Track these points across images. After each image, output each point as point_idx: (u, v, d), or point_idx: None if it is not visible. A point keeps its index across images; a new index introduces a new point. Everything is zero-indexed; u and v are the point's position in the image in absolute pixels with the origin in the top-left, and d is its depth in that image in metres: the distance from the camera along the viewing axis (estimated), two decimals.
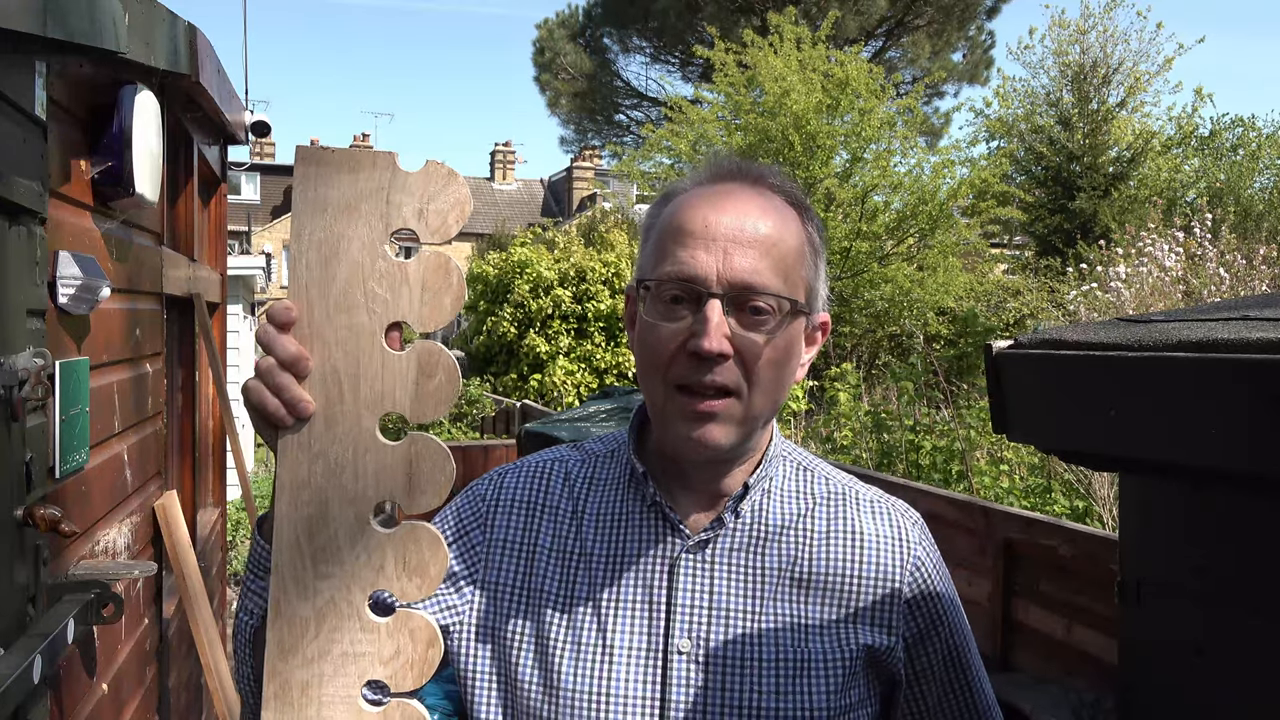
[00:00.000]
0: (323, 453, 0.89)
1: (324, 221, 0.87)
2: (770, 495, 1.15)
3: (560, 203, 39.77)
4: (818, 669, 1.08)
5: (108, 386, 2.37)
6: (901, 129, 15.63)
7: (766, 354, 1.04)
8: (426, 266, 0.88)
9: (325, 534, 0.89)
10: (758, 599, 1.10)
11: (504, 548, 1.16)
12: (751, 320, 1.04)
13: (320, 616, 0.89)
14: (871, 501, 1.18)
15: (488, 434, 11.49)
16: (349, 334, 0.88)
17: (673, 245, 1.06)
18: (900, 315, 15.36)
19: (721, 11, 22.34)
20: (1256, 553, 0.92)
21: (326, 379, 0.88)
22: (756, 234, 1.05)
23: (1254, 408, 0.79)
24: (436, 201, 0.87)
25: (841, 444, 8.05)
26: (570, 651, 1.09)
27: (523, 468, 1.22)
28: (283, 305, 0.88)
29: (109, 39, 1.79)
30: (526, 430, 4.98)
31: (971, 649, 1.18)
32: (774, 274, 1.05)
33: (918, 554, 1.16)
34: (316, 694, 0.89)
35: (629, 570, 1.11)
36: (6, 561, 1.70)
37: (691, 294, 1.04)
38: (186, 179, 3.56)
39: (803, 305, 1.08)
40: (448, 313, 0.88)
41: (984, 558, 3.99)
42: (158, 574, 2.85)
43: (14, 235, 1.72)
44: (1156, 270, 8.86)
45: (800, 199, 1.13)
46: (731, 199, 1.07)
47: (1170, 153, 19.37)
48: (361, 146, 16.82)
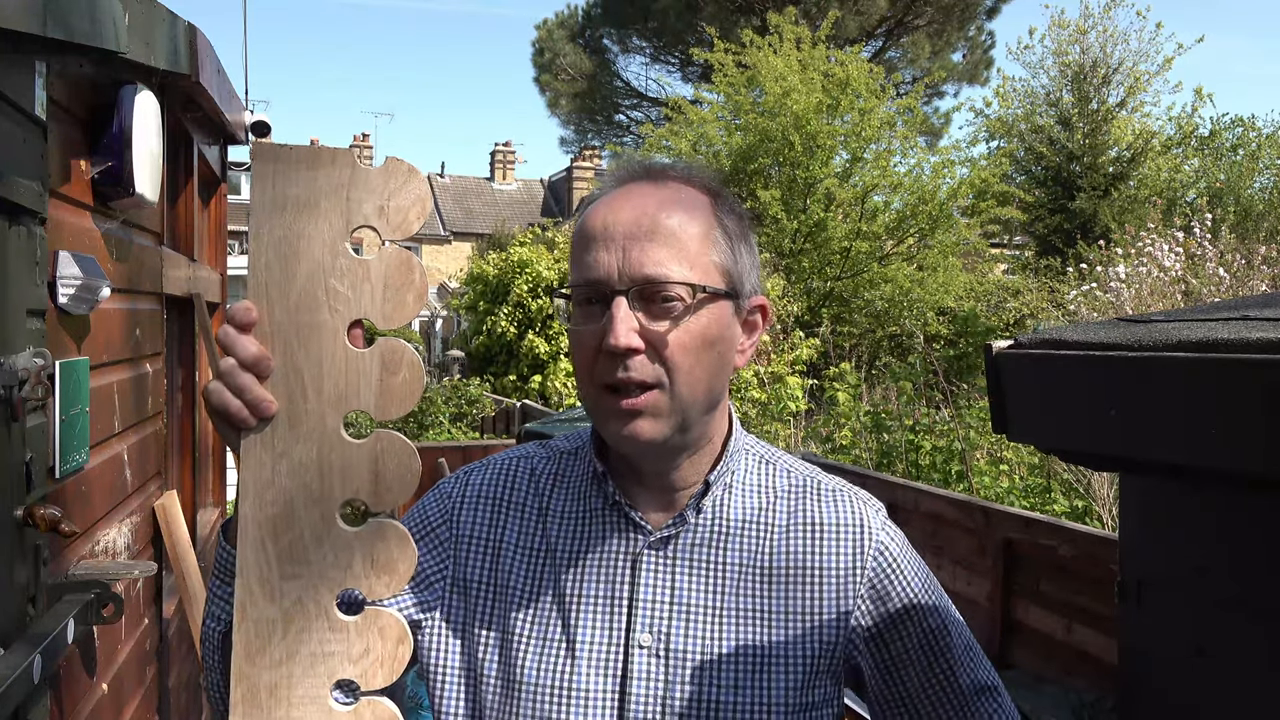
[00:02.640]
0: (286, 452, 0.88)
1: (283, 219, 0.86)
2: (732, 490, 1.16)
3: (560, 203, 39.76)
4: (778, 663, 1.09)
5: (108, 386, 2.37)
6: (901, 129, 15.64)
7: (680, 341, 1.05)
8: (389, 264, 0.87)
9: (291, 534, 0.88)
10: (719, 594, 1.11)
11: (470, 543, 1.17)
12: (661, 310, 1.05)
13: (287, 618, 0.88)
14: (833, 491, 1.18)
15: (488, 434, 11.49)
16: (311, 332, 0.87)
17: (579, 252, 1.09)
18: (900, 315, 15.36)
19: (721, 11, 22.34)
20: (1257, 553, 0.92)
21: (289, 378, 0.87)
22: (655, 226, 1.06)
23: (1254, 407, 0.79)
24: (397, 198, 0.87)
25: (841, 444, 8.06)
26: (535, 647, 1.11)
27: (489, 465, 1.23)
28: (243, 306, 0.87)
29: (109, 39, 1.79)
30: (526, 430, 4.98)
31: (953, 633, 1.16)
32: (676, 262, 1.05)
33: (880, 539, 1.15)
34: (285, 695, 0.88)
35: (592, 567, 1.13)
36: (6, 561, 1.70)
37: (599, 294, 1.06)
38: (186, 179, 3.56)
39: (718, 289, 1.08)
40: (410, 310, 0.88)
41: (984, 558, 3.99)
42: (158, 574, 2.85)
43: (14, 235, 1.72)
44: (1156, 270, 8.86)
45: (712, 186, 1.14)
46: (629, 198, 1.09)
47: (1170, 153, 19.37)
48: (361, 146, 17.02)
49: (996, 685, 1.18)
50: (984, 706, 1.15)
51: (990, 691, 1.17)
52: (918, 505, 4.48)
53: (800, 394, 9.32)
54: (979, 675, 1.17)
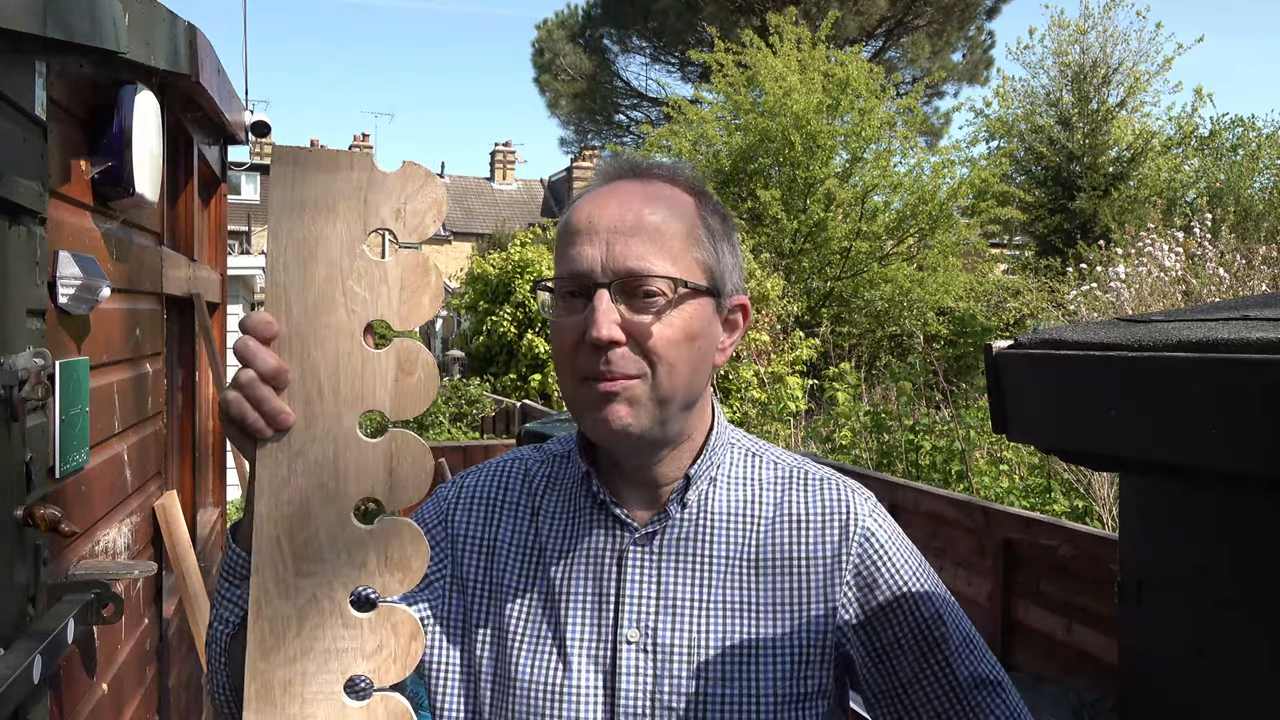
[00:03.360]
0: (303, 451, 0.89)
1: (302, 222, 0.88)
2: (717, 484, 1.17)
3: (560, 203, 39.74)
4: (766, 654, 1.10)
5: (108, 386, 2.37)
6: (901, 129, 15.64)
7: (662, 333, 1.06)
8: (405, 266, 0.88)
9: (306, 532, 0.89)
10: (706, 587, 1.12)
11: (465, 543, 1.19)
12: (642, 304, 1.06)
13: (302, 614, 0.89)
14: (820, 480, 1.18)
15: (488, 434, 11.49)
16: (328, 333, 0.88)
17: (564, 246, 1.10)
18: (900, 315, 15.36)
19: (721, 11, 22.33)
20: (1257, 553, 0.92)
21: (306, 378, 0.89)
22: (639, 221, 1.07)
23: (1254, 407, 0.79)
24: (414, 202, 0.88)
25: (841, 444, 8.06)
26: (528, 645, 1.12)
27: (484, 469, 1.26)
28: (263, 319, 0.88)
29: (109, 39, 1.79)
30: (527, 430, 4.99)
31: (949, 623, 1.14)
32: (659, 257, 1.06)
33: (867, 525, 1.15)
34: (299, 692, 0.89)
35: (581, 564, 1.14)
36: (6, 561, 1.70)
37: (582, 287, 1.07)
38: (186, 179, 3.56)
39: (699, 285, 1.09)
40: (426, 311, 0.89)
41: (984, 558, 3.99)
42: (158, 574, 2.85)
43: (14, 235, 1.72)
44: (1156, 270, 8.86)
45: (695, 186, 1.16)
46: (615, 194, 1.11)
47: (1170, 153, 19.37)
48: (361, 146, 17.07)
49: (1000, 680, 1.15)
50: (984, 701, 1.13)
51: (992, 686, 1.14)
52: (918, 505, 4.48)
53: (800, 394, 9.33)
54: (979, 668, 1.14)
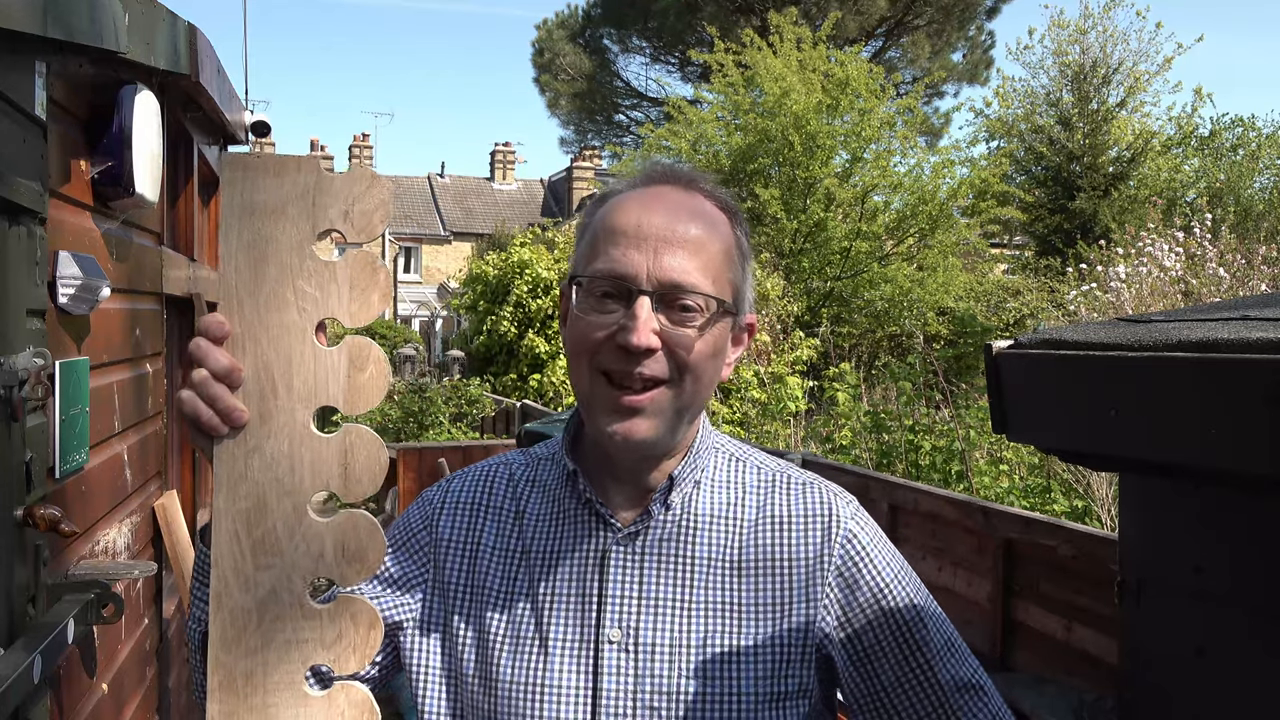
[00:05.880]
0: (258, 447, 0.91)
1: (252, 224, 0.91)
2: (701, 487, 1.18)
3: (560, 203, 39.73)
4: (746, 654, 1.11)
5: (108, 386, 2.37)
6: (901, 129, 15.65)
7: (697, 348, 1.08)
8: (354, 265, 0.91)
9: (263, 526, 0.92)
10: (687, 588, 1.13)
11: (449, 547, 1.20)
12: (680, 317, 1.08)
13: (262, 607, 0.92)
14: (803, 484, 1.19)
15: (488, 434, 11.49)
16: (280, 331, 0.91)
17: (605, 244, 1.09)
18: (900, 315, 15.37)
19: (721, 11, 22.34)
20: (1257, 553, 0.92)
21: (260, 375, 0.91)
22: (686, 235, 1.08)
23: (1254, 407, 0.79)
24: (361, 203, 0.91)
25: (841, 444, 8.05)
26: (510, 645, 1.13)
27: (469, 473, 1.27)
28: (215, 319, 0.91)
29: (109, 39, 1.79)
30: (526, 430, 4.98)
31: (930, 627, 1.15)
32: (702, 274, 1.08)
33: (849, 528, 1.16)
34: (261, 682, 0.92)
35: (564, 565, 1.15)
36: (6, 561, 1.70)
37: (622, 290, 1.07)
38: (186, 179, 3.56)
39: (729, 305, 1.12)
40: (375, 308, 0.92)
41: (984, 558, 3.99)
42: (158, 574, 2.85)
43: (14, 235, 1.72)
44: (1156, 270, 8.86)
45: (730, 205, 1.18)
46: (663, 201, 1.11)
47: (1170, 153, 19.38)
48: (361, 146, 17.05)
49: (982, 684, 1.16)
50: (965, 705, 1.13)
51: (974, 690, 1.15)
52: (918, 505, 4.48)
53: (800, 394, 9.32)
54: (960, 672, 1.15)
